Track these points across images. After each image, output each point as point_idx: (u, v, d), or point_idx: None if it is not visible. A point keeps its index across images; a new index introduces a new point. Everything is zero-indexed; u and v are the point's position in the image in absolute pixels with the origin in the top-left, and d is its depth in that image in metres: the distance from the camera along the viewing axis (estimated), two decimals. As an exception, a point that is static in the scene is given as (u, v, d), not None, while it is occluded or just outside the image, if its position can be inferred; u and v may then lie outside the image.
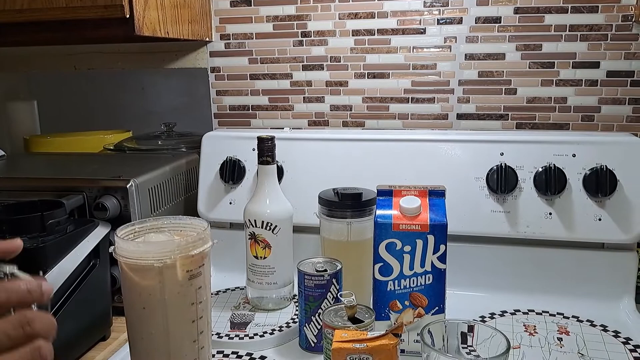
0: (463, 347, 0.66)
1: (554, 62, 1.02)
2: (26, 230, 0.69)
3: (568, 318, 0.83)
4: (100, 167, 1.00)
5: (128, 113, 1.33)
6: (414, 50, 1.08)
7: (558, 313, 0.85)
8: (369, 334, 0.59)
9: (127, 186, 0.85)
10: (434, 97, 1.09)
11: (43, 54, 1.27)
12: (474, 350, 0.65)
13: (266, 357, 0.73)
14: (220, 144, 1.03)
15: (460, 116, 1.08)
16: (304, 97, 1.15)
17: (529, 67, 1.03)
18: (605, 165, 0.87)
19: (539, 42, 1.02)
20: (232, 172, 1.01)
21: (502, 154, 0.91)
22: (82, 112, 1.36)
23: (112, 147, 1.21)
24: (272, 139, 0.86)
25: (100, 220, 0.81)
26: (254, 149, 0.94)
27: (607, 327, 0.80)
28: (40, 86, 1.37)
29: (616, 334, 0.78)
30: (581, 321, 0.82)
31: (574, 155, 0.89)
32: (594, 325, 0.81)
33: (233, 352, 0.75)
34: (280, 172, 0.98)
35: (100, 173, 0.91)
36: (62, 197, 0.80)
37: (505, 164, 0.90)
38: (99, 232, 0.78)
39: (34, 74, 1.35)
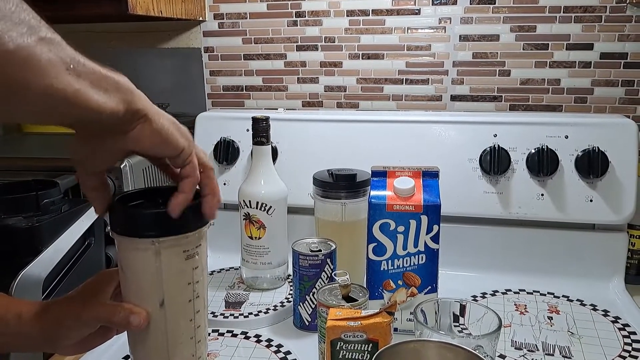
0: (455, 326, 0.67)
1: (548, 44, 1.02)
2: (21, 210, 0.69)
3: (558, 297, 0.85)
4: (93, 147, 0.99)
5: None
6: (409, 31, 1.07)
7: (549, 293, 0.86)
8: (363, 312, 0.60)
9: (121, 166, 0.85)
10: (428, 79, 1.09)
11: (34, 32, 1.25)
12: (466, 329, 0.66)
13: (261, 336, 0.74)
14: (214, 125, 1.03)
15: (454, 98, 1.09)
16: (298, 78, 1.14)
17: (523, 49, 1.03)
18: (597, 147, 0.87)
19: (533, 23, 1.02)
20: (226, 152, 1.01)
21: (495, 136, 0.92)
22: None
23: (105, 128, 1.20)
24: (266, 119, 0.86)
25: (94, 201, 0.81)
26: (248, 130, 0.94)
27: (596, 306, 0.82)
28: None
29: (605, 313, 0.80)
30: (571, 300, 0.84)
31: (566, 137, 0.89)
32: (584, 305, 0.83)
33: (228, 331, 0.76)
34: (274, 153, 0.98)
35: (93, 153, 0.91)
36: (56, 177, 0.80)
37: (498, 145, 0.91)
38: (94, 212, 0.78)
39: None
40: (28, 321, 0.51)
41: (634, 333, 0.74)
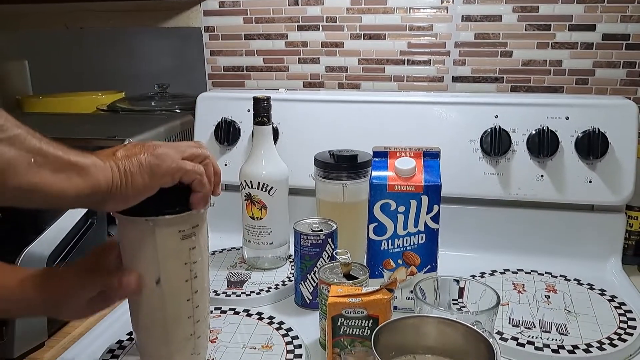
0: (454, 303, 0.68)
1: (550, 25, 1.02)
2: (24, 189, 0.70)
3: (556, 277, 0.86)
4: (94, 127, 1.00)
5: (120, 74, 1.32)
6: (411, 10, 1.07)
7: (546, 272, 0.87)
8: (364, 289, 0.61)
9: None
10: (430, 59, 1.08)
11: (33, 12, 1.25)
12: (465, 307, 0.67)
13: (263, 313, 0.75)
14: (215, 105, 1.03)
15: (455, 79, 1.08)
16: (299, 58, 1.14)
17: (525, 30, 1.03)
18: (598, 128, 0.88)
19: (536, 3, 1.01)
20: (227, 133, 1.01)
21: (496, 117, 0.92)
22: (74, 73, 1.34)
23: (105, 108, 1.20)
24: (268, 99, 0.86)
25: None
26: (249, 110, 0.94)
27: (593, 285, 0.83)
28: (31, 46, 1.35)
29: (602, 292, 0.81)
30: (569, 280, 0.85)
31: (567, 118, 0.90)
32: (581, 284, 0.83)
33: (230, 309, 0.77)
34: (275, 134, 0.98)
35: (95, 133, 0.91)
36: (58, 157, 0.80)
37: (499, 126, 0.91)
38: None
39: (24, 33, 1.33)
40: (31, 287, 0.52)
41: (630, 311, 0.75)
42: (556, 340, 0.69)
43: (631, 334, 0.69)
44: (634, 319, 0.73)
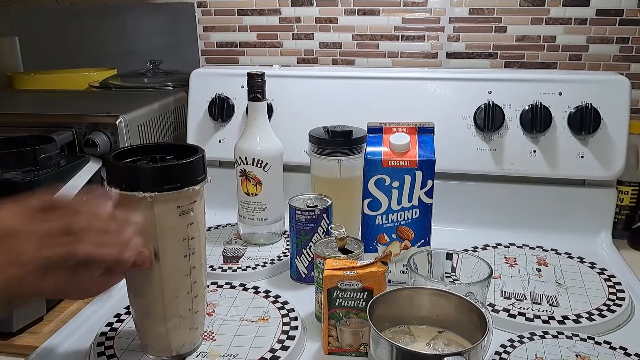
0: (447, 276, 0.69)
1: (545, 0, 1.02)
2: (19, 165, 0.69)
3: (547, 251, 0.87)
4: (87, 103, 0.99)
5: (112, 50, 1.30)
6: (405, -14, 1.06)
7: (538, 246, 0.88)
8: (359, 262, 0.62)
9: (117, 122, 0.85)
10: (424, 35, 1.08)
11: (22, -14, 1.23)
12: (457, 280, 0.69)
13: (259, 287, 0.76)
14: (208, 81, 1.03)
15: (449, 55, 1.08)
16: (293, 34, 1.13)
17: (520, 5, 1.03)
18: (590, 104, 0.88)
19: (531, -22, 1.01)
20: (221, 109, 1.01)
21: (490, 93, 0.92)
22: (65, 50, 1.33)
23: (97, 85, 1.19)
24: (262, 74, 0.85)
25: (91, 156, 0.81)
26: (243, 87, 0.94)
27: (584, 259, 0.84)
28: (21, 22, 1.33)
29: (592, 265, 0.82)
30: (559, 254, 0.86)
31: (560, 94, 0.90)
32: (572, 257, 0.85)
33: (227, 283, 0.77)
34: (269, 110, 0.98)
35: (88, 109, 0.90)
36: (51, 133, 0.80)
37: (492, 102, 0.91)
38: (91, 167, 0.79)
39: (14, 9, 1.31)
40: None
41: (619, 283, 0.77)
42: (546, 311, 0.70)
43: (620, 305, 0.71)
44: (622, 291, 0.75)
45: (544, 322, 0.68)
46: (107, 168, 0.58)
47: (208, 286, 0.76)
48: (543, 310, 0.70)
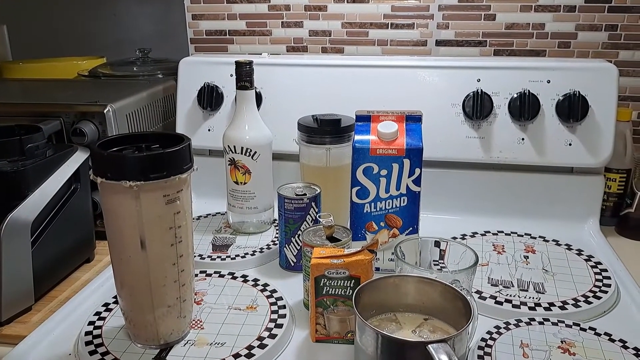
0: (435, 264, 0.70)
1: (534, -13, 1.02)
2: (5, 154, 0.69)
3: (535, 238, 0.88)
4: (76, 92, 0.98)
5: (101, 39, 1.29)
6: (395, -27, 1.05)
7: (526, 234, 0.89)
8: (346, 250, 0.62)
9: (105, 111, 0.85)
10: (414, 23, 1.08)
11: (8, -26, 1.21)
12: (445, 267, 0.69)
13: (248, 276, 0.77)
14: (197, 70, 1.02)
15: (439, 43, 1.08)
16: (282, 22, 1.12)
17: (509, -8, 1.03)
18: (578, 91, 0.88)
19: (521, -34, 1.01)
20: (210, 98, 1.00)
21: (478, 81, 0.92)
22: (54, 38, 1.32)
23: (86, 74, 1.18)
24: (250, 63, 0.85)
25: (79, 146, 0.81)
26: (232, 75, 0.93)
27: (571, 246, 0.85)
28: (10, 10, 1.32)
29: (579, 252, 0.83)
30: (547, 241, 0.87)
31: (548, 82, 0.90)
32: (559, 245, 0.86)
33: (215, 272, 0.78)
34: (258, 99, 0.98)
35: (76, 98, 0.90)
36: (39, 123, 0.79)
37: (481, 90, 0.91)
38: (79, 157, 0.78)
39: (-1, -4, 1.29)
40: None
41: (605, 270, 0.77)
42: (533, 298, 0.71)
43: (606, 292, 0.72)
44: (609, 277, 0.75)
45: (530, 308, 0.68)
46: (93, 157, 0.58)
47: (197, 275, 0.77)
48: (529, 297, 0.71)
